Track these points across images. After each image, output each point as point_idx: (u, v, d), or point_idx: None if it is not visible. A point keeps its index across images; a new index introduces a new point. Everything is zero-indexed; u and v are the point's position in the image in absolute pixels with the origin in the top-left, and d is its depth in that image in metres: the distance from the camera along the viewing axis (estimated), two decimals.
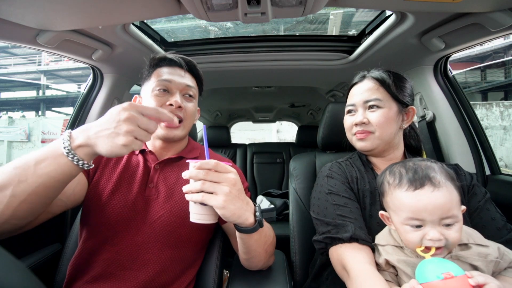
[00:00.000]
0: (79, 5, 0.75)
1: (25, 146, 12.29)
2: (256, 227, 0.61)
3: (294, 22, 8.84)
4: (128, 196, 0.73)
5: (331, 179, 0.80)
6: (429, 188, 0.54)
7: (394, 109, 0.78)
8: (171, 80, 0.78)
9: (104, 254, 0.69)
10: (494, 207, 0.72)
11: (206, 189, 0.53)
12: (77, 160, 0.52)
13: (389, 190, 0.60)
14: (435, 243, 0.52)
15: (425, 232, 0.53)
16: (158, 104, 0.76)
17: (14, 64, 15.83)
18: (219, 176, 0.54)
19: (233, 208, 0.55)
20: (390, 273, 0.60)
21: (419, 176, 0.56)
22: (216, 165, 0.55)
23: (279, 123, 10.25)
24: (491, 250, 0.55)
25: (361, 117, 0.79)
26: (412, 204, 0.54)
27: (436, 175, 0.56)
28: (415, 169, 0.58)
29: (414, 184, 0.56)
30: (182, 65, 0.81)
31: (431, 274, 0.48)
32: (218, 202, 0.53)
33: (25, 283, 0.35)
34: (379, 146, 0.80)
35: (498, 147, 8.51)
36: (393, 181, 0.60)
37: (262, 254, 0.72)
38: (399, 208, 0.57)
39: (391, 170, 0.64)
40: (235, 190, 0.55)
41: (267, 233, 0.73)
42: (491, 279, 0.46)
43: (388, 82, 0.78)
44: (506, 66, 10.91)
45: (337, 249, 0.68)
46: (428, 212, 0.53)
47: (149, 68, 0.82)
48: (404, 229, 0.57)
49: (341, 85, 1.78)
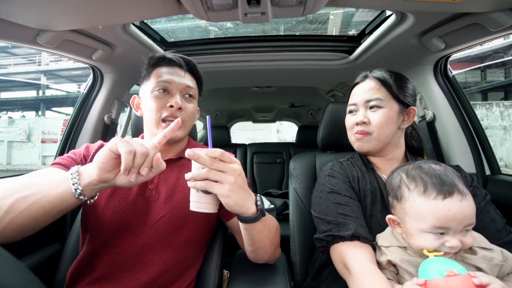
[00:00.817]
0: (79, 5, 0.75)
1: (25, 146, 12.29)
2: (258, 216, 0.61)
3: (294, 22, 8.84)
4: (128, 197, 0.72)
5: (333, 178, 0.80)
6: (457, 197, 0.53)
7: (395, 109, 0.78)
8: (171, 81, 0.77)
9: (105, 256, 0.69)
10: (494, 209, 0.72)
11: (211, 177, 0.53)
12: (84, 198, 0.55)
13: (410, 196, 0.58)
14: (453, 249, 0.52)
15: (446, 240, 0.53)
16: (158, 106, 0.75)
17: (14, 64, 15.83)
18: (225, 165, 0.54)
19: (236, 198, 0.55)
20: (390, 271, 0.60)
21: (446, 183, 0.54)
22: (222, 155, 0.55)
23: (279, 123, 10.25)
24: (496, 253, 0.55)
25: (362, 117, 0.79)
26: (441, 213, 0.53)
27: (459, 182, 0.55)
28: (438, 175, 0.56)
29: (443, 192, 0.54)
30: (181, 65, 0.80)
31: (434, 271, 0.48)
32: (223, 191, 0.53)
33: (25, 283, 0.35)
34: (376, 147, 0.80)
35: (498, 147, 8.51)
36: (415, 187, 0.57)
37: (267, 245, 0.72)
38: (424, 216, 0.54)
39: (408, 174, 0.61)
40: (240, 180, 0.56)
41: (270, 223, 0.72)
42: (494, 279, 0.46)
43: (390, 82, 0.78)
44: (506, 66, 10.91)
45: (338, 247, 0.68)
46: (457, 221, 0.52)
47: (148, 68, 0.81)
48: (422, 235, 0.55)
49: (341, 85, 1.78)
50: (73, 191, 0.53)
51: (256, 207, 0.62)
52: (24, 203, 0.52)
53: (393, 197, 0.64)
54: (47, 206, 0.53)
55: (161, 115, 0.76)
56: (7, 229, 0.51)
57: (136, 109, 0.86)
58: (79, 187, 0.53)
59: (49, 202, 0.53)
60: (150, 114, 0.76)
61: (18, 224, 0.52)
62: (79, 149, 0.78)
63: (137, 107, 0.86)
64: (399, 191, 0.61)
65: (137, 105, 0.86)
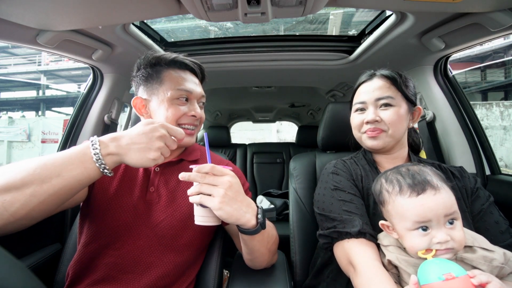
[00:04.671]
0: (79, 5, 0.75)
1: (25, 146, 12.28)
2: (258, 229, 0.62)
3: (294, 22, 8.83)
4: (129, 200, 0.72)
5: (336, 176, 0.79)
6: (431, 191, 0.55)
7: (405, 108, 0.78)
8: (192, 91, 0.78)
9: (106, 259, 0.69)
10: (498, 211, 0.72)
11: (203, 191, 0.56)
12: (103, 167, 0.55)
13: (390, 199, 0.60)
14: (442, 245, 0.53)
15: (433, 236, 0.54)
16: (179, 113, 0.75)
17: (14, 64, 15.82)
18: (215, 179, 0.57)
19: (229, 210, 0.56)
20: (392, 273, 0.60)
21: (418, 181, 0.57)
22: (212, 168, 0.58)
23: (279, 123, 10.25)
24: (497, 255, 0.55)
25: (373, 115, 0.78)
26: (417, 208, 0.55)
27: (433, 178, 0.57)
28: (412, 175, 0.59)
29: (416, 190, 0.56)
30: (197, 73, 0.83)
31: (432, 275, 0.48)
32: (213, 203, 0.56)
33: (25, 283, 0.35)
34: (390, 144, 0.79)
35: (498, 147, 8.51)
36: (393, 189, 0.60)
37: (265, 254, 0.72)
38: (404, 215, 0.57)
39: (386, 178, 0.63)
40: (231, 192, 0.57)
41: (270, 233, 0.73)
42: (493, 278, 0.46)
43: (399, 80, 0.78)
44: (506, 66, 10.90)
45: (343, 244, 0.67)
46: (433, 212, 0.54)
47: (153, 67, 0.78)
48: (410, 235, 0.56)
49: (341, 85, 1.78)
50: (97, 165, 0.54)
51: (257, 220, 0.62)
52: (46, 192, 0.50)
53: (378, 203, 0.65)
54: (69, 192, 0.54)
55: (179, 121, 0.76)
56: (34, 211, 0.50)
57: (139, 112, 0.79)
58: (101, 158, 0.54)
59: (71, 187, 0.53)
60: (169, 120, 0.74)
61: (43, 207, 0.51)
62: None
63: (140, 110, 0.79)
64: (381, 196, 0.63)
65: (140, 107, 0.78)
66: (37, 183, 0.50)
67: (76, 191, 0.55)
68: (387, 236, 0.65)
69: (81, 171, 0.53)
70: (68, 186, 0.52)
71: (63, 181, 0.52)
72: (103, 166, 0.55)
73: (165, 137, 0.59)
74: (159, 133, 0.58)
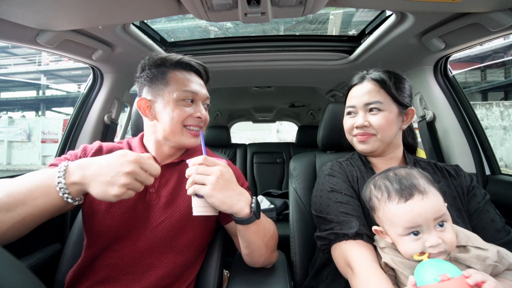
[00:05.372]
0: (79, 5, 0.75)
1: (25, 146, 12.29)
2: (252, 217, 0.63)
3: (294, 22, 8.84)
4: (129, 202, 0.72)
5: (333, 178, 0.80)
6: (418, 196, 0.56)
7: (395, 111, 0.78)
8: (197, 92, 0.77)
9: (106, 260, 0.69)
10: (494, 209, 0.72)
11: (196, 180, 0.60)
12: (67, 197, 0.55)
13: (380, 206, 0.60)
14: (435, 249, 0.53)
15: (425, 240, 0.54)
16: (185, 115, 0.75)
17: (14, 64, 15.82)
18: (207, 169, 0.60)
19: (221, 197, 0.59)
20: (389, 275, 0.60)
21: (405, 186, 0.57)
22: (205, 160, 0.61)
23: (279, 123, 10.25)
24: (490, 253, 0.55)
25: (362, 120, 0.79)
26: (406, 215, 0.56)
27: (420, 181, 0.58)
28: (399, 179, 0.59)
29: (404, 195, 0.57)
30: (202, 75, 0.83)
31: (428, 276, 0.48)
32: (205, 191, 0.59)
33: (25, 283, 0.35)
34: (380, 148, 0.80)
35: (498, 147, 8.51)
36: (382, 195, 0.60)
37: (262, 248, 0.72)
38: (394, 221, 0.57)
39: (375, 183, 0.64)
40: (222, 180, 0.60)
41: (266, 226, 0.73)
42: (488, 277, 0.47)
43: (389, 83, 0.77)
44: (506, 66, 10.90)
45: (341, 245, 0.67)
46: (422, 217, 0.54)
47: (159, 67, 0.77)
48: (403, 240, 0.57)
49: (341, 85, 1.78)
50: (60, 195, 0.54)
51: (250, 208, 0.63)
52: (11, 220, 0.51)
53: (369, 209, 0.65)
54: (35, 220, 0.54)
55: (184, 123, 0.76)
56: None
57: (144, 113, 0.77)
58: (64, 187, 0.54)
59: (37, 215, 0.54)
60: (174, 121, 0.74)
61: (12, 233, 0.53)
62: (75, 151, 0.77)
63: (144, 111, 0.77)
64: (371, 203, 0.64)
65: (145, 108, 0.77)
66: (2, 212, 0.50)
67: (44, 217, 0.55)
68: None
69: (45, 200, 0.53)
70: (34, 214, 0.53)
71: (29, 209, 0.52)
72: (67, 195, 0.54)
73: (135, 173, 0.55)
74: (128, 168, 0.54)
